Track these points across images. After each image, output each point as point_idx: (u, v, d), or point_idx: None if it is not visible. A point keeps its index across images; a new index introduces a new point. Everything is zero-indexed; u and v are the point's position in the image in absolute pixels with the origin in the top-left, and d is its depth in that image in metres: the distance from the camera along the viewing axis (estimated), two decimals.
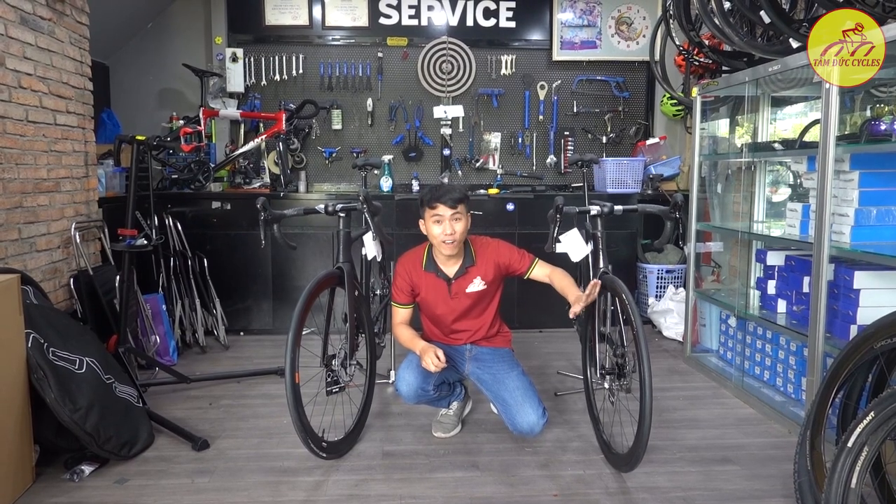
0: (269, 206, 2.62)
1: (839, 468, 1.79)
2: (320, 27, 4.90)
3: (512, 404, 2.62)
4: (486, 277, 2.71)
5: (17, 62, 2.81)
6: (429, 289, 2.74)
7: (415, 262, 2.77)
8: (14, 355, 2.23)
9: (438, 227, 2.60)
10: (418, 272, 2.74)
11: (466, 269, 2.70)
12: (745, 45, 3.09)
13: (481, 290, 2.72)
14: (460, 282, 2.71)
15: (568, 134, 5.07)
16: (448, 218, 2.58)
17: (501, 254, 2.73)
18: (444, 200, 2.57)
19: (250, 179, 4.68)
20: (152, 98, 4.88)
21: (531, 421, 2.58)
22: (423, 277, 2.74)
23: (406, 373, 2.68)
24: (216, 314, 4.09)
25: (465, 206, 2.62)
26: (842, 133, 2.68)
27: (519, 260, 2.73)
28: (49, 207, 3.07)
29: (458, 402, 2.89)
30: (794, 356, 3.03)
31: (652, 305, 4.45)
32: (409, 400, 2.72)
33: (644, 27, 4.99)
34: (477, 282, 2.71)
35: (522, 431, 2.62)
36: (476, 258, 2.72)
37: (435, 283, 2.72)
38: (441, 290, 2.72)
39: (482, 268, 2.71)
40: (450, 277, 2.71)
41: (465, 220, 2.63)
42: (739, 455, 2.60)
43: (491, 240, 2.80)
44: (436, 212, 2.59)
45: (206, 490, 2.32)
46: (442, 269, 2.72)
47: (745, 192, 3.55)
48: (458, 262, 2.71)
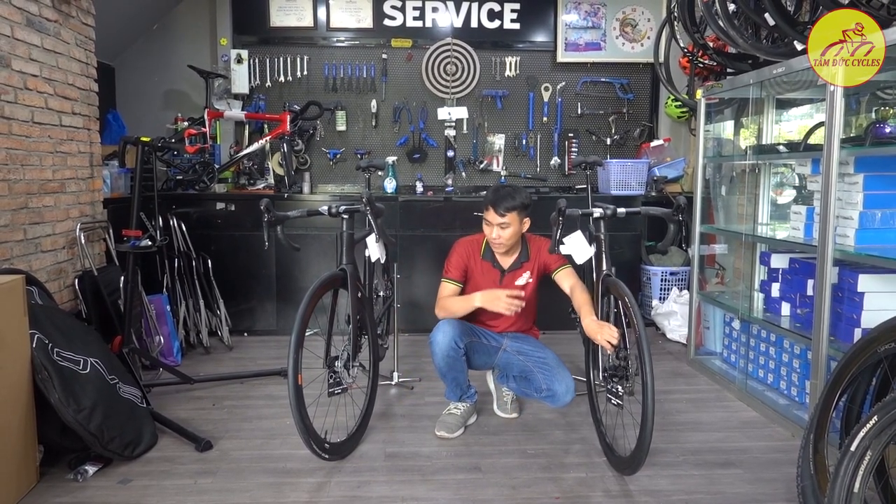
0: (273, 208, 2.62)
1: (842, 472, 1.78)
2: (325, 29, 4.91)
3: (553, 367, 2.80)
4: (534, 274, 2.90)
5: (22, 63, 2.82)
6: (482, 275, 2.89)
7: (474, 247, 2.92)
8: (19, 356, 2.24)
9: (488, 229, 2.79)
10: (476, 258, 2.90)
11: (521, 263, 2.88)
12: (750, 47, 3.09)
13: (528, 284, 2.89)
14: (513, 274, 2.88)
15: (572, 135, 5.07)
16: (496, 224, 2.74)
17: (543, 251, 2.88)
18: (496, 206, 2.72)
19: (255, 180, 4.69)
20: (158, 99, 4.89)
21: (568, 385, 2.75)
22: (478, 263, 2.90)
23: (445, 324, 2.77)
24: (220, 315, 4.10)
25: (517, 214, 2.74)
26: (847, 135, 2.67)
27: (554, 261, 2.86)
28: (54, 208, 3.08)
29: (468, 403, 2.91)
30: (797, 359, 3.02)
31: (656, 308, 4.44)
32: (441, 350, 2.73)
33: (649, 29, 4.98)
34: (526, 276, 2.89)
35: (557, 392, 2.75)
36: (530, 254, 2.89)
37: (490, 271, 2.89)
38: (493, 278, 2.88)
39: (532, 264, 2.90)
40: (504, 269, 2.88)
41: (515, 227, 2.76)
42: (742, 458, 2.60)
43: (540, 239, 2.94)
44: (487, 215, 2.77)
45: (208, 491, 2.32)
46: (498, 259, 2.88)
47: (749, 195, 3.54)
48: (513, 256, 2.89)
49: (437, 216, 4.44)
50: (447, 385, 2.88)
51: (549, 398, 2.80)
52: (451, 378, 2.83)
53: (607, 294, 2.61)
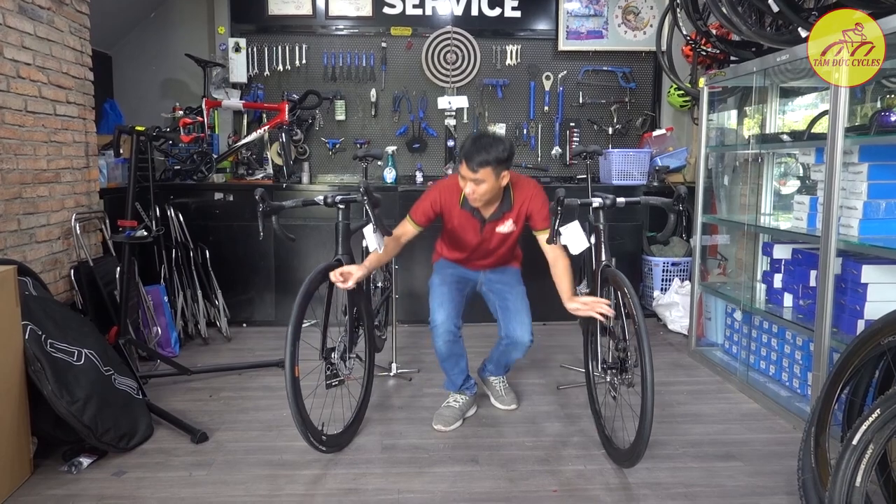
0: (268, 198, 2.59)
1: (844, 466, 1.76)
2: (324, 17, 4.86)
3: (512, 312, 2.78)
4: (517, 221, 2.78)
5: (15, 52, 2.78)
6: (460, 222, 2.78)
7: (452, 195, 2.74)
8: (11, 347, 2.22)
9: (462, 182, 2.62)
10: (453, 206, 2.75)
11: (503, 213, 2.75)
12: (754, 34, 3.04)
13: (510, 232, 2.79)
14: (494, 223, 2.76)
15: (573, 125, 5.02)
16: (469, 179, 2.57)
17: (532, 204, 2.74)
18: (469, 161, 2.53)
19: (253, 170, 4.66)
20: (155, 88, 4.86)
21: (523, 331, 2.74)
22: (456, 212, 2.76)
23: (440, 311, 2.74)
24: (218, 306, 4.08)
25: (491, 171, 2.53)
26: (851, 124, 2.63)
27: (543, 217, 2.72)
28: (49, 198, 3.05)
29: (468, 395, 2.90)
30: (799, 351, 2.99)
31: (657, 298, 4.40)
32: (441, 336, 2.72)
33: (651, 17, 4.92)
34: (508, 224, 2.77)
35: (513, 337, 2.76)
36: (513, 202, 2.74)
37: (469, 220, 2.76)
38: (473, 227, 2.78)
39: (515, 212, 2.75)
40: (485, 218, 2.75)
41: (490, 183, 2.57)
42: (743, 451, 2.57)
43: (531, 186, 2.78)
44: (461, 169, 2.59)
45: (203, 483, 2.31)
46: (479, 210, 2.74)
47: (752, 185, 3.50)
48: (494, 206, 2.74)
49: None
50: (446, 372, 2.85)
51: (509, 345, 2.79)
52: (451, 364, 2.80)
53: (606, 285, 2.58)
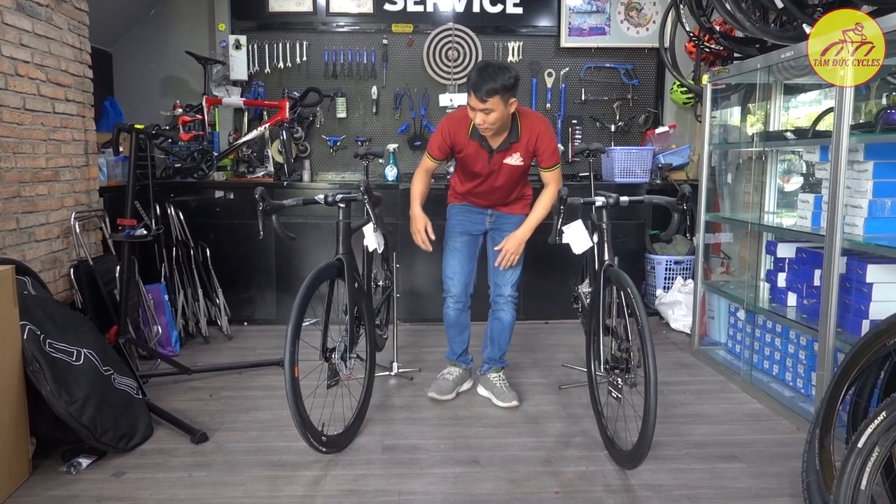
0: (268, 196, 2.57)
1: (849, 469, 1.74)
2: (324, 14, 4.83)
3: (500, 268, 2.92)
4: (525, 155, 2.81)
5: (13, 49, 2.76)
6: (470, 153, 2.82)
7: (461, 125, 2.79)
8: (9, 348, 2.20)
9: (472, 114, 2.66)
10: (462, 137, 2.80)
11: (511, 143, 2.77)
12: (758, 30, 3.01)
13: (518, 165, 2.82)
14: (502, 154, 2.80)
15: (576, 122, 4.98)
16: (479, 109, 2.61)
17: (541, 140, 2.78)
18: (477, 90, 2.57)
19: (254, 168, 4.64)
20: (156, 86, 4.83)
21: (505, 281, 2.93)
22: (466, 143, 2.80)
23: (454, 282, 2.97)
24: (219, 304, 4.07)
25: (499, 99, 2.57)
26: (856, 122, 2.60)
27: (549, 154, 2.81)
28: (48, 197, 3.04)
29: (462, 367, 3.11)
30: (803, 351, 2.97)
31: (660, 297, 4.38)
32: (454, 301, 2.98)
33: (654, 13, 4.88)
34: (516, 157, 2.80)
35: (498, 291, 2.96)
36: (521, 134, 2.77)
37: (478, 151, 2.80)
38: (482, 157, 2.81)
39: (523, 144, 2.78)
40: (493, 149, 2.79)
41: (499, 111, 2.60)
42: (746, 452, 2.55)
43: (540, 121, 2.84)
44: (470, 100, 2.63)
45: (202, 484, 2.29)
46: (487, 139, 2.77)
47: (755, 183, 3.47)
48: (502, 137, 2.77)
49: (438, 204, 4.37)
50: (450, 338, 3.07)
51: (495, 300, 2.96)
52: (456, 332, 3.03)
53: (609, 284, 2.56)
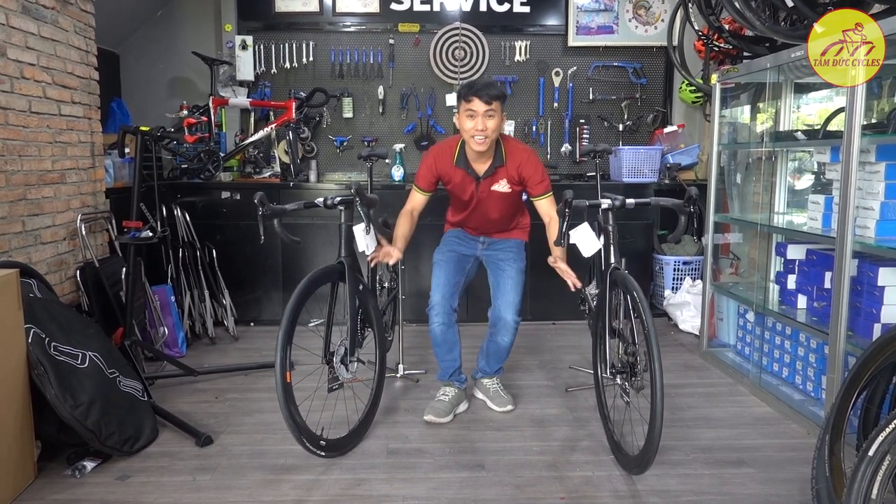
0: (268, 201, 2.54)
1: (859, 477, 1.70)
2: (331, 14, 4.81)
3: (502, 289, 2.82)
4: (511, 181, 2.78)
5: (19, 52, 2.77)
6: (457, 181, 2.82)
7: (446, 154, 2.81)
8: (14, 351, 2.20)
9: (471, 122, 2.63)
10: (448, 165, 2.80)
11: (496, 169, 2.76)
12: (767, 29, 2.97)
13: (507, 192, 2.80)
14: (489, 181, 2.78)
15: (583, 122, 4.95)
16: (481, 114, 2.61)
17: (527, 166, 2.76)
18: (480, 95, 2.60)
19: (260, 169, 4.64)
20: (163, 87, 4.84)
21: (507, 309, 2.78)
22: (452, 172, 2.80)
23: (436, 292, 2.83)
24: (226, 305, 4.07)
25: (500, 104, 2.64)
26: (868, 122, 2.56)
27: (536, 182, 2.77)
28: (54, 199, 3.04)
29: (457, 387, 2.94)
30: (814, 354, 2.93)
31: (668, 298, 4.34)
32: (437, 310, 2.80)
33: (662, 11, 4.84)
34: (503, 183, 2.78)
35: (498, 314, 2.81)
36: (506, 159, 2.76)
37: (464, 177, 2.79)
38: (469, 185, 2.80)
39: (509, 171, 2.77)
40: (479, 176, 2.77)
41: (498, 119, 2.65)
42: (755, 457, 2.52)
43: (523, 147, 2.84)
44: (470, 106, 2.63)
45: (207, 488, 2.29)
46: (472, 166, 2.77)
47: (765, 183, 3.43)
48: (488, 161, 2.76)
49: (444, 205, 4.35)
50: (439, 358, 2.92)
51: (495, 324, 2.82)
52: (444, 350, 2.87)
53: (615, 287, 2.53)
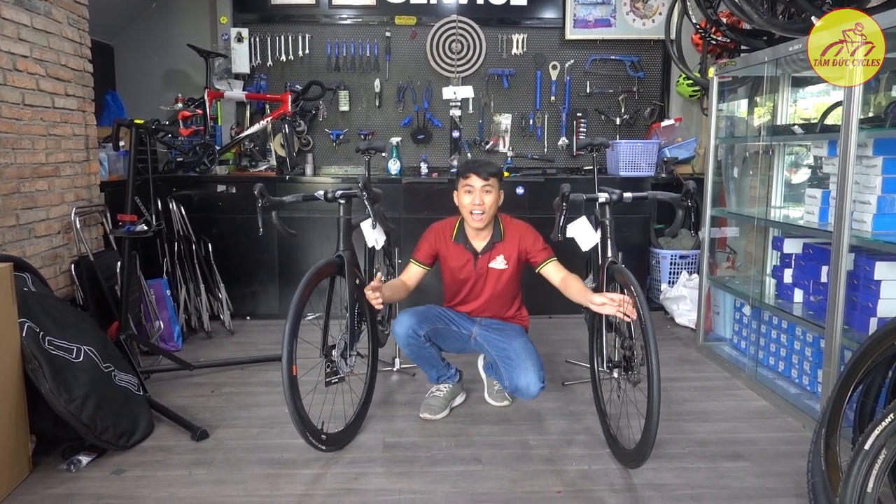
0: (267, 193, 2.55)
1: (855, 471, 1.71)
2: (327, 6, 4.78)
3: (515, 360, 2.67)
4: (509, 258, 2.79)
5: (11, 44, 2.74)
6: (455, 259, 2.83)
7: (446, 231, 2.86)
8: (7, 346, 2.19)
9: (469, 197, 2.69)
10: (447, 242, 2.84)
11: (493, 244, 2.79)
12: (765, 23, 2.96)
13: (503, 269, 2.80)
14: (486, 257, 2.80)
15: (581, 115, 4.93)
16: (479, 189, 2.67)
17: (526, 238, 2.79)
18: (478, 171, 2.68)
19: (256, 162, 4.62)
20: (158, 79, 4.81)
21: (530, 379, 2.62)
22: (451, 248, 2.83)
23: (402, 315, 2.80)
24: (221, 299, 4.05)
25: (497, 181, 2.71)
26: (865, 116, 2.56)
27: (539, 250, 2.77)
28: (48, 192, 3.02)
29: (450, 384, 2.91)
30: (810, 347, 2.93)
31: (665, 292, 4.34)
32: (401, 340, 2.77)
33: (660, 4, 4.81)
34: (500, 259, 2.79)
35: (519, 388, 2.66)
36: (504, 235, 2.80)
37: (462, 254, 2.82)
38: (467, 262, 2.82)
39: (507, 247, 2.79)
40: (477, 252, 2.80)
41: (495, 195, 2.72)
42: (751, 450, 2.53)
43: (521, 223, 2.87)
44: (468, 182, 2.69)
45: (202, 482, 2.28)
46: (471, 242, 2.80)
47: (762, 177, 3.43)
48: (486, 237, 2.80)
49: (441, 198, 4.33)
50: (421, 368, 2.92)
51: (515, 392, 2.74)
52: (422, 363, 2.87)
53: (612, 282, 2.53)
